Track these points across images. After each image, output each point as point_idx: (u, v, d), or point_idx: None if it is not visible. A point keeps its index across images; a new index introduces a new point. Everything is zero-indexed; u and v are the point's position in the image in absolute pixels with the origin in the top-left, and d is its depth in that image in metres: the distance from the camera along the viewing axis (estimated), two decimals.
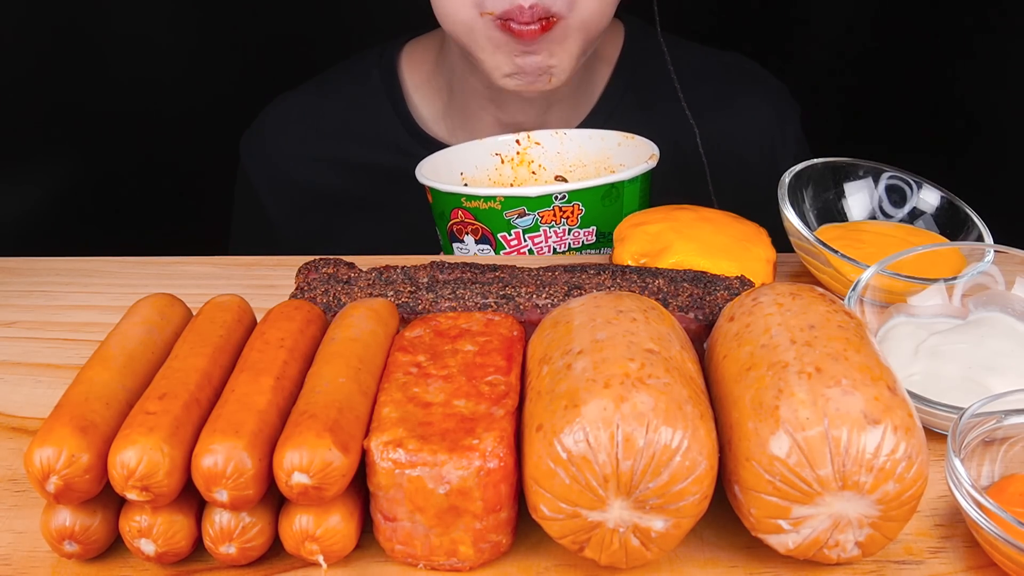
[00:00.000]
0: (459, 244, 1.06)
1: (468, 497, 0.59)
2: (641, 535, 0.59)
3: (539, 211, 1.01)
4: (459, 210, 1.03)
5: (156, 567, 0.63)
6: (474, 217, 1.03)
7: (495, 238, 1.03)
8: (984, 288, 0.85)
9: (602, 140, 1.19)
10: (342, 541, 0.61)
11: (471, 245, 1.05)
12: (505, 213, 1.01)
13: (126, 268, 1.05)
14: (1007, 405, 0.68)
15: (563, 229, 1.03)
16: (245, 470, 0.58)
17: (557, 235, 1.03)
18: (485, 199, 1.01)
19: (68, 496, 0.59)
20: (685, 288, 0.81)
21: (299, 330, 0.70)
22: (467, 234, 1.05)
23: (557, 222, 1.02)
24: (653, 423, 0.57)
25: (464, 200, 1.02)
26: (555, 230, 1.03)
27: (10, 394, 0.82)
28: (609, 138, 1.18)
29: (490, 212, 1.02)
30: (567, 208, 1.01)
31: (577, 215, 1.02)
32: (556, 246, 1.04)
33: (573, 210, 1.02)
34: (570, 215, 1.02)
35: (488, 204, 1.01)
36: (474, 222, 1.03)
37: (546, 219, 1.02)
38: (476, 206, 1.02)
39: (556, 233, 1.03)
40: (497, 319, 0.73)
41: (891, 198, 1.04)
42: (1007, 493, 0.65)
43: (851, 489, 0.57)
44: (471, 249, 1.06)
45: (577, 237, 1.03)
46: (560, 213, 1.01)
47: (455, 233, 1.06)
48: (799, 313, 0.65)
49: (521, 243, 1.03)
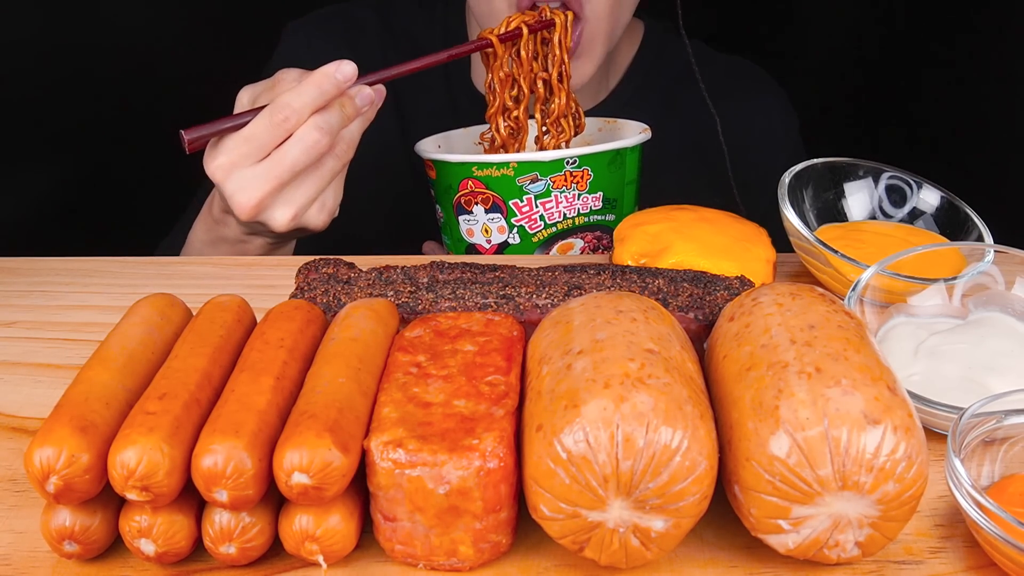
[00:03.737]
0: (467, 216, 1.08)
1: (468, 497, 0.59)
2: (641, 535, 0.59)
3: (551, 176, 1.04)
4: (469, 180, 1.06)
5: (156, 567, 0.63)
6: (485, 186, 1.05)
7: (506, 205, 1.06)
8: (984, 288, 0.85)
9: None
10: (342, 541, 0.61)
11: (481, 215, 1.07)
12: (518, 179, 1.04)
13: (126, 268, 1.05)
14: (1007, 405, 0.68)
15: (573, 194, 1.06)
16: (245, 470, 0.58)
17: (567, 200, 1.06)
18: (498, 166, 1.04)
19: (68, 496, 0.59)
20: (685, 288, 0.81)
21: (299, 330, 0.70)
22: (477, 204, 1.07)
23: (568, 187, 1.05)
24: (653, 423, 0.57)
25: (475, 169, 1.05)
26: (565, 195, 1.06)
27: (10, 394, 0.82)
28: (590, 124, 1.22)
29: (503, 179, 1.04)
30: (577, 173, 1.05)
31: (586, 180, 1.05)
32: (566, 211, 1.07)
33: (583, 175, 1.05)
34: (579, 180, 1.05)
35: (501, 171, 1.04)
36: (485, 191, 1.05)
37: (557, 184, 1.05)
38: (488, 174, 1.05)
39: (566, 198, 1.06)
40: (497, 319, 0.73)
41: (891, 198, 1.04)
42: (1007, 493, 0.65)
43: (851, 489, 0.57)
44: (481, 219, 1.08)
45: (586, 202, 1.07)
46: (571, 178, 1.05)
47: (463, 205, 1.08)
48: (799, 313, 0.65)
49: (532, 209, 1.06)
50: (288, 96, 0.94)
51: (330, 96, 0.95)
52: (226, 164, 0.94)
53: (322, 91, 0.94)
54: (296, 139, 0.93)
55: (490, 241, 1.09)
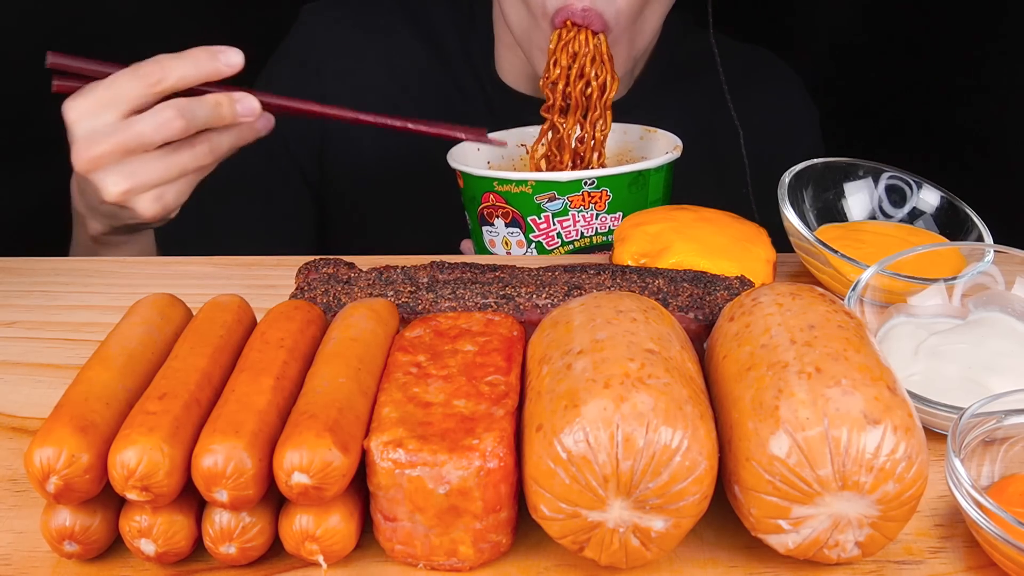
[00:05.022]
0: (489, 227, 1.10)
1: (468, 497, 0.59)
2: (641, 535, 0.59)
3: (568, 196, 1.05)
4: (490, 194, 1.07)
5: (156, 567, 0.63)
6: (505, 201, 1.06)
7: (525, 221, 1.07)
8: (984, 288, 0.85)
9: (624, 133, 1.23)
10: (342, 541, 0.61)
11: (501, 228, 1.09)
12: (536, 197, 1.05)
13: (126, 268, 1.05)
14: (1007, 405, 0.68)
15: (591, 214, 1.06)
16: (245, 470, 0.58)
17: (585, 219, 1.06)
18: (517, 183, 1.05)
19: (68, 496, 0.59)
20: (685, 288, 0.81)
21: (299, 330, 0.70)
22: (497, 217, 1.08)
23: (585, 207, 1.06)
24: (653, 423, 0.57)
25: (496, 184, 1.06)
26: (583, 215, 1.06)
27: (10, 394, 0.82)
28: (632, 131, 1.23)
29: (521, 196, 1.05)
30: (595, 194, 1.05)
31: (605, 201, 1.05)
32: (584, 230, 1.07)
33: (601, 196, 1.05)
34: (598, 200, 1.05)
35: (520, 188, 1.05)
36: (505, 206, 1.07)
37: (575, 203, 1.05)
38: (508, 190, 1.06)
39: (584, 218, 1.06)
40: (497, 319, 0.73)
41: (891, 198, 1.04)
42: (1007, 493, 0.65)
43: (851, 489, 0.57)
44: (501, 232, 1.09)
45: (604, 222, 1.07)
46: (588, 198, 1.05)
47: (485, 216, 1.09)
48: (799, 313, 0.65)
49: (550, 226, 1.07)
50: (159, 57, 0.92)
51: (204, 72, 0.92)
52: (82, 105, 0.92)
53: (196, 64, 0.92)
54: (151, 112, 0.91)
55: (509, 254, 1.11)
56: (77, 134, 0.92)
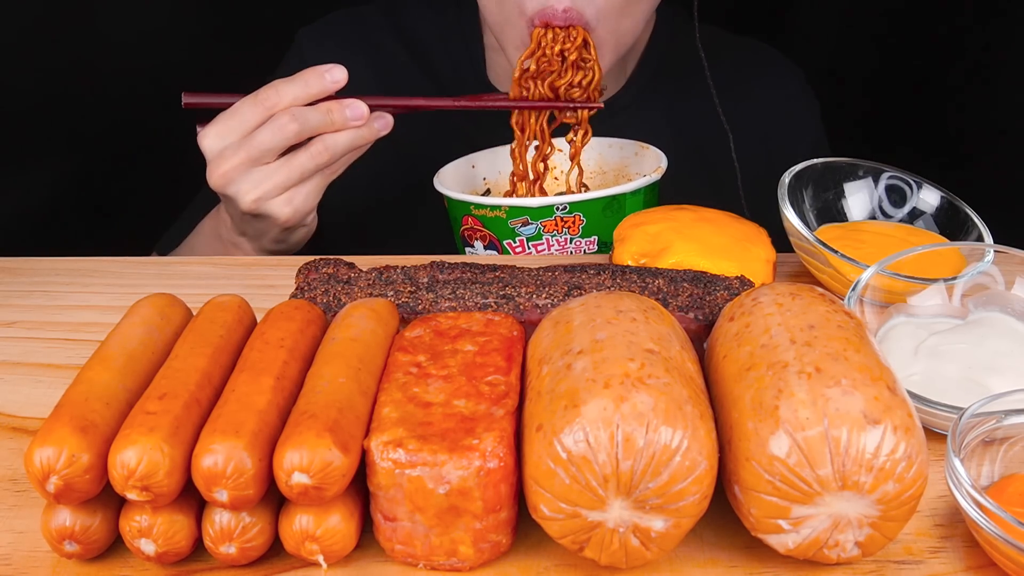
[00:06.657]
0: (470, 248, 1.11)
1: (468, 497, 0.59)
2: (641, 535, 0.59)
3: (541, 220, 1.05)
4: (469, 217, 1.08)
5: (156, 567, 0.63)
6: (482, 224, 1.07)
7: (501, 245, 1.07)
8: (984, 288, 0.85)
9: (620, 149, 1.22)
10: (342, 541, 0.61)
11: (480, 250, 1.10)
12: (510, 222, 1.05)
13: (126, 268, 1.05)
14: (1007, 405, 0.68)
15: (565, 238, 1.06)
16: (245, 470, 0.58)
17: (560, 244, 1.06)
18: (491, 208, 1.06)
19: (68, 496, 0.59)
20: (685, 288, 0.81)
21: (299, 330, 0.70)
22: (476, 239, 1.09)
23: (559, 231, 1.05)
24: (653, 423, 0.57)
25: (473, 208, 1.07)
26: (557, 239, 1.06)
27: (10, 394, 0.82)
28: (627, 147, 1.22)
29: (496, 220, 1.06)
30: (568, 218, 1.05)
31: (579, 225, 1.05)
32: (558, 255, 1.07)
33: (575, 220, 1.05)
34: (571, 225, 1.05)
35: (494, 212, 1.06)
36: (482, 229, 1.07)
37: (548, 228, 1.05)
38: (483, 214, 1.07)
39: (558, 242, 1.06)
40: (497, 319, 0.73)
41: (891, 198, 1.04)
42: (1007, 493, 0.65)
43: (851, 489, 0.57)
44: (480, 254, 1.10)
45: (579, 246, 1.07)
46: (562, 223, 1.05)
47: (466, 238, 1.10)
48: (799, 313, 0.65)
49: (525, 250, 1.07)
50: (275, 82, 1.01)
51: (313, 91, 1.01)
52: (211, 132, 1.02)
53: (306, 84, 1.01)
54: (269, 122, 1.00)
55: None
56: (210, 156, 1.02)
